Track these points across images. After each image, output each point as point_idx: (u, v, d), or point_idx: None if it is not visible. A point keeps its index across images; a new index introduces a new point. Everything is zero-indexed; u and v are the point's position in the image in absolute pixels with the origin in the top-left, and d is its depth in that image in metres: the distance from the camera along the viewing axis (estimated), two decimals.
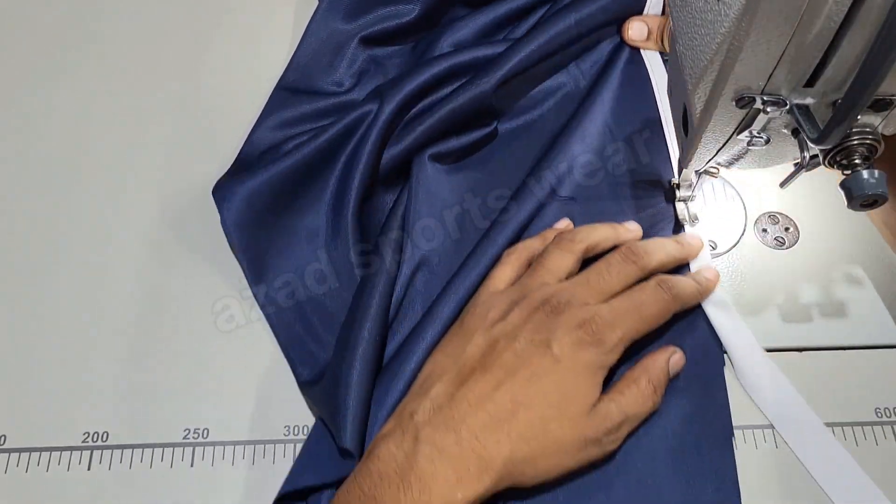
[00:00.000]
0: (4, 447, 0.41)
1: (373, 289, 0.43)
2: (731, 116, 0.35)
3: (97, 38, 0.57)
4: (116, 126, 0.53)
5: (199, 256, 0.48)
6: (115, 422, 0.42)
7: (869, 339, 0.44)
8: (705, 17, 0.32)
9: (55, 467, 0.41)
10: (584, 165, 0.49)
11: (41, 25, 0.58)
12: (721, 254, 0.47)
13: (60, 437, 0.42)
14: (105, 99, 0.54)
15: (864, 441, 0.41)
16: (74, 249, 0.48)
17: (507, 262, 0.43)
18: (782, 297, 0.45)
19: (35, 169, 0.51)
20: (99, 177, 0.51)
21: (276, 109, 0.52)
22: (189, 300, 0.46)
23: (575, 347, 0.37)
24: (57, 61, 0.56)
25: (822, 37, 0.30)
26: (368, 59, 0.55)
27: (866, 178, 0.33)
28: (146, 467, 0.41)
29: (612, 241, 0.44)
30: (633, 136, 0.51)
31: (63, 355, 0.44)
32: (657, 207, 0.48)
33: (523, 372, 0.37)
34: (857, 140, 0.33)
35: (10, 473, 0.41)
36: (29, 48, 0.57)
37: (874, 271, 0.46)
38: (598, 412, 0.37)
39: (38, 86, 0.55)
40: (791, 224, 0.48)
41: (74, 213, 0.50)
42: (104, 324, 0.45)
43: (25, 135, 0.53)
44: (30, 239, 0.49)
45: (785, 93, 0.33)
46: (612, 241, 0.44)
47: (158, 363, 0.44)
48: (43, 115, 0.54)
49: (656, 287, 0.40)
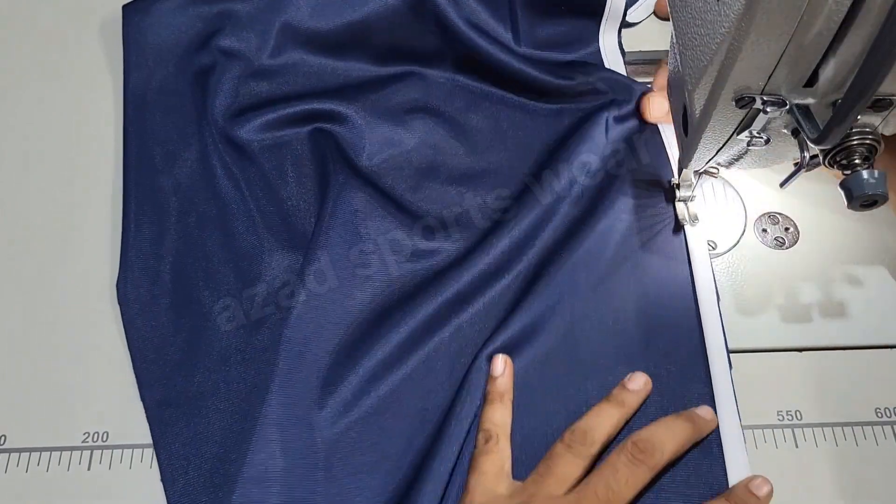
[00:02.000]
0: (4, 447, 0.42)
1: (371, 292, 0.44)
2: (731, 116, 0.35)
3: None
4: (117, 125, 0.53)
5: None
6: (115, 422, 0.42)
7: (869, 339, 0.44)
8: (705, 17, 0.32)
9: (55, 467, 0.41)
10: (583, 165, 0.49)
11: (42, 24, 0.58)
12: (721, 254, 0.47)
13: (60, 437, 0.42)
14: (107, 98, 0.55)
15: (864, 441, 0.41)
16: (74, 249, 0.48)
17: (486, 451, 0.39)
18: (782, 297, 0.45)
19: (35, 168, 0.51)
20: (99, 177, 0.51)
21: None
22: None
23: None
24: (54, 60, 0.56)
25: (822, 37, 0.30)
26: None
27: (866, 178, 0.33)
28: (146, 467, 0.41)
29: (621, 426, 0.41)
30: (633, 136, 0.51)
31: (63, 355, 0.44)
32: (657, 207, 0.48)
33: None
34: (857, 140, 0.33)
35: (10, 473, 0.41)
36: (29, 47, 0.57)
37: (874, 271, 0.46)
38: None
39: (36, 85, 0.55)
40: (791, 224, 0.48)
41: (75, 213, 0.50)
42: (104, 324, 0.45)
43: (26, 134, 0.53)
44: (30, 239, 0.49)
45: (785, 93, 0.33)
46: (620, 427, 0.41)
47: None
48: (43, 115, 0.54)
49: (633, 466, 0.37)
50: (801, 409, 0.42)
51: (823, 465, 0.41)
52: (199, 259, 0.47)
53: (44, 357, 0.44)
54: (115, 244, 0.48)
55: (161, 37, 0.54)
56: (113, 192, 0.50)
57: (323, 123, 0.50)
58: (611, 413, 0.40)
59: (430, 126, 0.52)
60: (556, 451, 0.39)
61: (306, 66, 0.53)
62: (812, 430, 0.42)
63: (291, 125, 0.51)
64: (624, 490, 0.36)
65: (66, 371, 0.44)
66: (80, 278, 0.47)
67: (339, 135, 0.49)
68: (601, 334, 0.44)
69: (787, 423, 0.42)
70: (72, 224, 0.49)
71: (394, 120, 0.51)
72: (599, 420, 0.40)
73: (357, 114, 0.50)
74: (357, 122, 0.50)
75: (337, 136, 0.49)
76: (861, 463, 0.40)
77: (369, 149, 0.49)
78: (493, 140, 0.52)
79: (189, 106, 0.52)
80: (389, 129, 0.50)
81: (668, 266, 0.46)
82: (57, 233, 0.49)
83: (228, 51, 0.53)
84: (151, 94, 0.52)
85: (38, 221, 0.49)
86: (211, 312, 0.45)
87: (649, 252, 0.47)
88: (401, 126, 0.51)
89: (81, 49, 0.57)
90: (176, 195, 0.49)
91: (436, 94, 0.53)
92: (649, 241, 0.47)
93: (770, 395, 0.43)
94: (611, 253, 0.47)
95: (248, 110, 0.51)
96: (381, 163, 0.49)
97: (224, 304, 0.45)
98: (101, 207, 0.50)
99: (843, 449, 0.41)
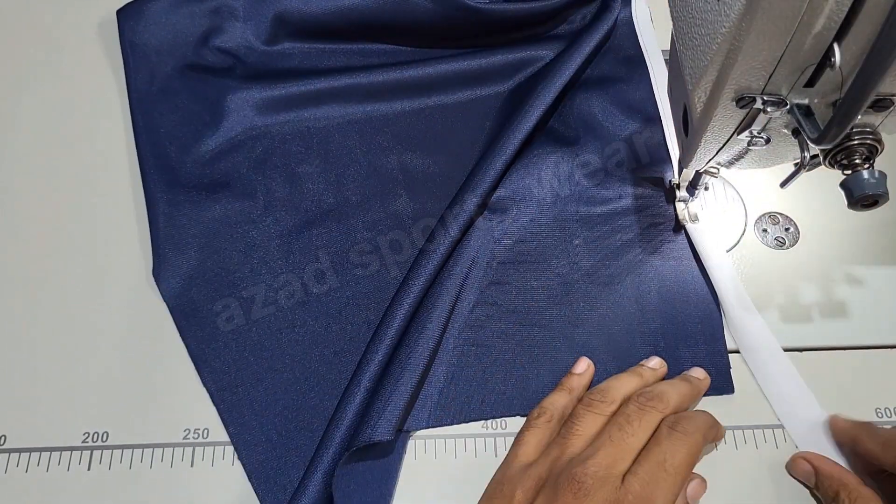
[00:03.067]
0: (4, 447, 0.42)
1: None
2: (731, 116, 0.35)
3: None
4: (118, 124, 0.53)
5: None
6: (115, 422, 0.42)
7: (869, 339, 0.44)
8: (705, 17, 0.32)
9: (55, 467, 0.41)
10: (584, 165, 0.49)
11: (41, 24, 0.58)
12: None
13: (60, 437, 0.42)
14: (109, 97, 0.55)
15: None
16: (74, 249, 0.48)
17: (535, 426, 0.41)
18: (782, 297, 0.45)
19: (35, 168, 0.51)
20: (99, 177, 0.51)
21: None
22: None
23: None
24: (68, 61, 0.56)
25: (821, 37, 0.30)
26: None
27: (867, 178, 0.33)
28: (146, 467, 0.41)
29: (639, 389, 0.42)
30: (633, 136, 0.51)
31: (63, 355, 0.44)
32: (657, 207, 0.48)
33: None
34: (857, 140, 0.33)
35: (10, 473, 0.41)
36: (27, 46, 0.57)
37: (874, 271, 0.46)
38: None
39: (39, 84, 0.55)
40: (791, 224, 0.48)
41: (74, 212, 0.50)
42: (104, 324, 0.45)
43: (26, 133, 0.53)
44: (30, 239, 0.49)
45: (785, 93, 0.33)
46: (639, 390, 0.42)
47: (158, 363, 0.44)
48: (43, 113, 0.54)
49: (670, 433, 0.38)
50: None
51: None
52: (229, 242, 0.48)
53: (44, 357, 0.44)
54: (115, 244, 0.48)
55: (158, 37, 0.54)
56: (113, 193, 0.50)
57: (328, 108, 0.51)
58: (630, 379, 0.42)
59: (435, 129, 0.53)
60: (577, 412, 0.40)
61: (303, 51, 0.55)
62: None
63: (295, 109, 0.52)
64: (638, 432, 0.38)
65: (66, 371, 0.44)
66: (80, 278, 0.47)
67: (353, 124, 0.51)
68: (598, 339, 0.44)
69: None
70: (71, 224, 0.49)
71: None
72: (619, 383, 0.42)
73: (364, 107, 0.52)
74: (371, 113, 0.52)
75: (352, 126, 0.51)
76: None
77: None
78: (490, 140, 0.52)
79: (195, 102, 0.52)
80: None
81: (671, 265, 0.46)
82: (57, 232, 0.49)
83: (227, 43, 0.54)
84: (156, 95, 0.52)
85: (37, 221, 0.49)
86: (245, 298, 0.46)
87: (650, 252, 0.47)
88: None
89: (82, 49, 0.57)
90: (196, 189, 0.50)
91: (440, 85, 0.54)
92: (650, 240, 0.47)
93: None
94: (612, 253, 0.47)
95: (251, 99, 0.52)
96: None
97: (224, 304, 0.45)
98: (101, 207, 0.50)
99: None
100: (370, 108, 0.53)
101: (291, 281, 0.46)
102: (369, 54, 0.56)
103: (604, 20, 0.54)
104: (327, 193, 0.49)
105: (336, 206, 0.49)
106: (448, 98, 0.54)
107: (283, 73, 0.54)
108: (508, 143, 0.48)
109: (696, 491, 0.39)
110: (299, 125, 0.52)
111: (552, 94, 0.50)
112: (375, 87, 0.53)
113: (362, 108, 0.53)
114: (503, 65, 0.54)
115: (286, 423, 0.42)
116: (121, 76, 0.54)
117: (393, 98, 0.53)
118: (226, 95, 0.51)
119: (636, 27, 0.56)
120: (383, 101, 0.53)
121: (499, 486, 0.38)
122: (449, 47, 0.56)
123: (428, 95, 0.54)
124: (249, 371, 0.43)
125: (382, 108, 0.53)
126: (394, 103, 0.53)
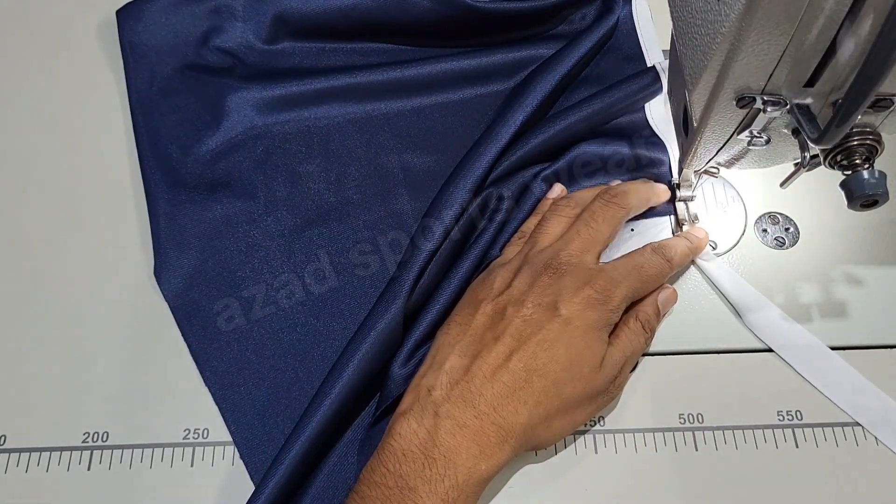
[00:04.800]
0: (4, 447, 0.42)
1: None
2: (731, 116, 0.35)
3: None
4: (118, 125, 0.53)
5: None
6: (115, 422, 0.42)
7: (869, 339, 0.44)
8: (705, 17, 0.32)
9: (55, 467, 0.41)
10: (584, 165, 0.49)
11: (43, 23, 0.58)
12: (721, 254, 0.47)
13: (60, 437, 0.42)
14: (109, 97, 0.55)
15: (865, 441, 0.41)
16: (75, 249, 0.48)
17: (513, 243, 0.45)
18: (782, 297, 0.45)
19: (36, 168, 0.51)
20: (99, 177, 0.51)
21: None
22: None
23: (583, 307, 0.39)
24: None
25: (822, 37, 0.30)
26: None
27: (867, 178, 0.33)
28: (146, 467, 0.41)
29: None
30: (633, 136, 0.51)
31: (63, 355, 0.44)
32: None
33: (534, 338, 0.38)
34: (857, 140, 0.33)
35: (10, 473, 0.41)
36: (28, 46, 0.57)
37: (874, 271, 0.46)
38: (604, 364, 0.39)
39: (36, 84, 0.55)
40: (791, 224, 0.48)
41: (73, 212, 0.50)
42: (104, 324, 0.45)
43: (26, 133, 0.53)
44: (31, 239, 0.49)
45: (785, 93, 0.33)
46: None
47: (158, 363, 0.44)
48: (43, 113, 0.54)
49: (653, 252, 0.43)
50: (801, 409, 0.42)
51: (824, 466, 0.41)
52: (230, 241, 0.48)
53: (44, 357, 0.44)
54: (116, 244, 0.48)
55: (158, 38, 0.54)
56: (114, 193, 0.50)
57: (329, 107, 0.52)
58: (592, 190, 0.46)
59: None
60: (545, 216, 0.45)
61: (303, 50, 0.55)
62: (812, 431, 0.41)
63: (296, 108, 0.52)
64: (602, 227, 0.43)
65: (67, 371, 0.44)
66: (81, 278, 0.47)
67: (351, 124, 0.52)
68: None
69: (788, 423, 0.42)
70: (72, 224, 0.49)
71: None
72: (581, 192, 0.46)
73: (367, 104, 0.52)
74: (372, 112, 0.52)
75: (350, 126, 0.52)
76: (861, 463, 0.40)
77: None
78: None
79: (196, 102, 0.52)
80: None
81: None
82: (57, 233, 0.49)
83: (227, 42, 0.54)
84: (156, 96, 0.52)
85: (37, 222, 0.49)
86: (246, 298, 0.46)
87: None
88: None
89: (82, 49, 0.57)
90: (197, 189, 0.49)
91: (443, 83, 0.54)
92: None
93: (770, 395, 0.43)
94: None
95: (251, 98, 0.52)
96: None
97: (225, 304, 0.45)
98: (102, 207, 0.50)
99: (844, 449, 0.41)
100: (371, 108, 0.53)
101: (292, 280, 0.46)
102: (370, 53, 0.56)
103: (604, 20, 0.54)
104: (328, 193, 0.49)
105: (337, 206, 0.49)
106: (449, 97, 0.54)
107: (284, 73, 0.53)
108: (500, 135, 0.48)
109: (668, 299, 0.43)
110: (300, 124, 0.52)
111: (548, 87, 0.50)
112: (376, 86, 0.53)
113: (363, 107, 0.53)
114: (503, 64, 0.54)
115: (288, 422, 0.42)
116: (121, 76, 0.54)
117: (394, 97, 0.53)
118: (226, 95, 0.51)
119: (636, 27, 0.56)
120: (384, 100, 0.53)
121: (479, 280, 0.43)
122: (449, 46, 0.56)
123: (429, 94, 0.54)
124: (251, 370, 0.43)
125: (383, 108, 0.53)
126: (394, 102, 0.53)
